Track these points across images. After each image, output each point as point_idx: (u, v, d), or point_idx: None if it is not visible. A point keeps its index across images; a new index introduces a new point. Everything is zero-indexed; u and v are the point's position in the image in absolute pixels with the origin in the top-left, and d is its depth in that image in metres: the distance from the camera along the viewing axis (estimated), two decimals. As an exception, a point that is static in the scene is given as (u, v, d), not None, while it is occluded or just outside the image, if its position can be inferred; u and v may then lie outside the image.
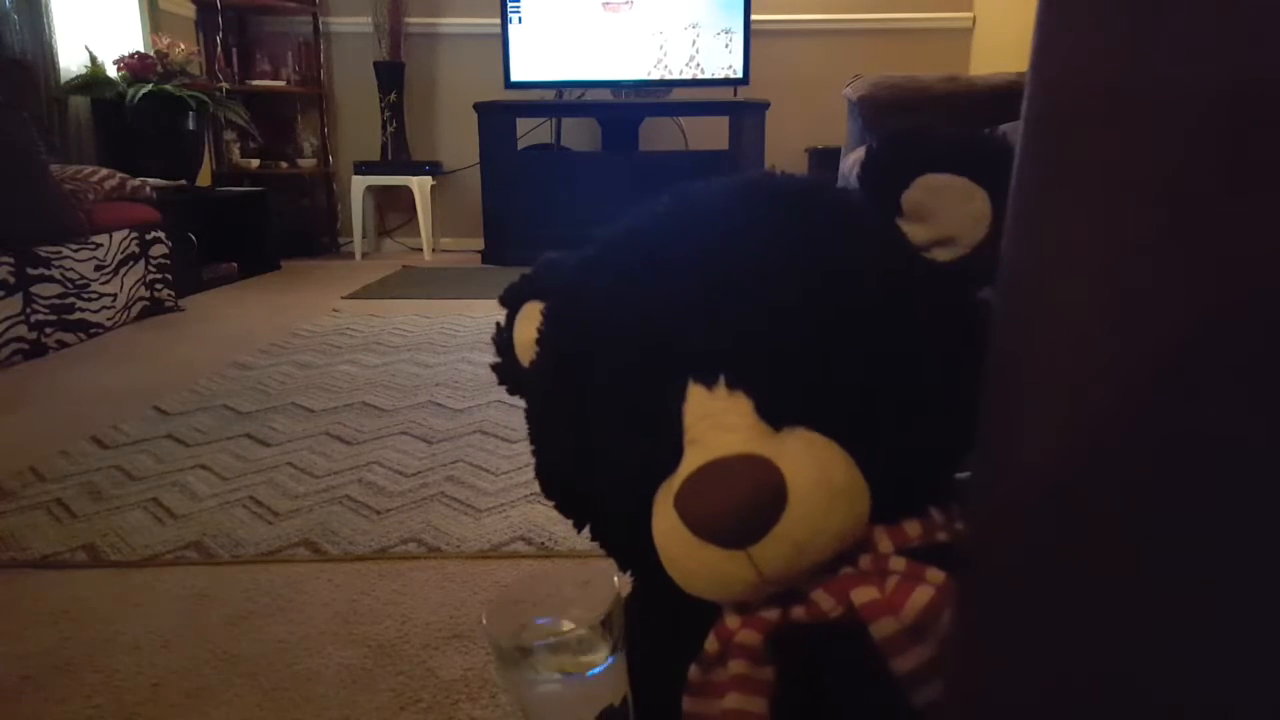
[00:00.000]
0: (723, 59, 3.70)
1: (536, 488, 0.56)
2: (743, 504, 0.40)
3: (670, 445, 0.44)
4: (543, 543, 1.06)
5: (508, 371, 0.61)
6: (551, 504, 0.55)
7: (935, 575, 0.42)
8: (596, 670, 0.48)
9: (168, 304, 2.70)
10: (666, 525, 0.43)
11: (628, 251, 0.50)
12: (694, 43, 3.70)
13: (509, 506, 1.18)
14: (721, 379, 0.43)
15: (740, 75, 3.71)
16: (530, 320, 0.57)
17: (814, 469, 0.41)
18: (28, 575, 1.02)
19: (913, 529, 0.45)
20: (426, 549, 1.06)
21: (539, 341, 0.55)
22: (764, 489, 0.40)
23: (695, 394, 0.44)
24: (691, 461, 0.43)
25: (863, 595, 0.42)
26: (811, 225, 0.47)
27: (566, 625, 0.50)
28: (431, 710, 0.76)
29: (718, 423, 0.43)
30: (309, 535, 1.10)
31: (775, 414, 0.43)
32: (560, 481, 0.54)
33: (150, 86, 3.04)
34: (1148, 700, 0.24)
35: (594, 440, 0.49)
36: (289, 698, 0.78)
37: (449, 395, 1.74)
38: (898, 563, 0.43)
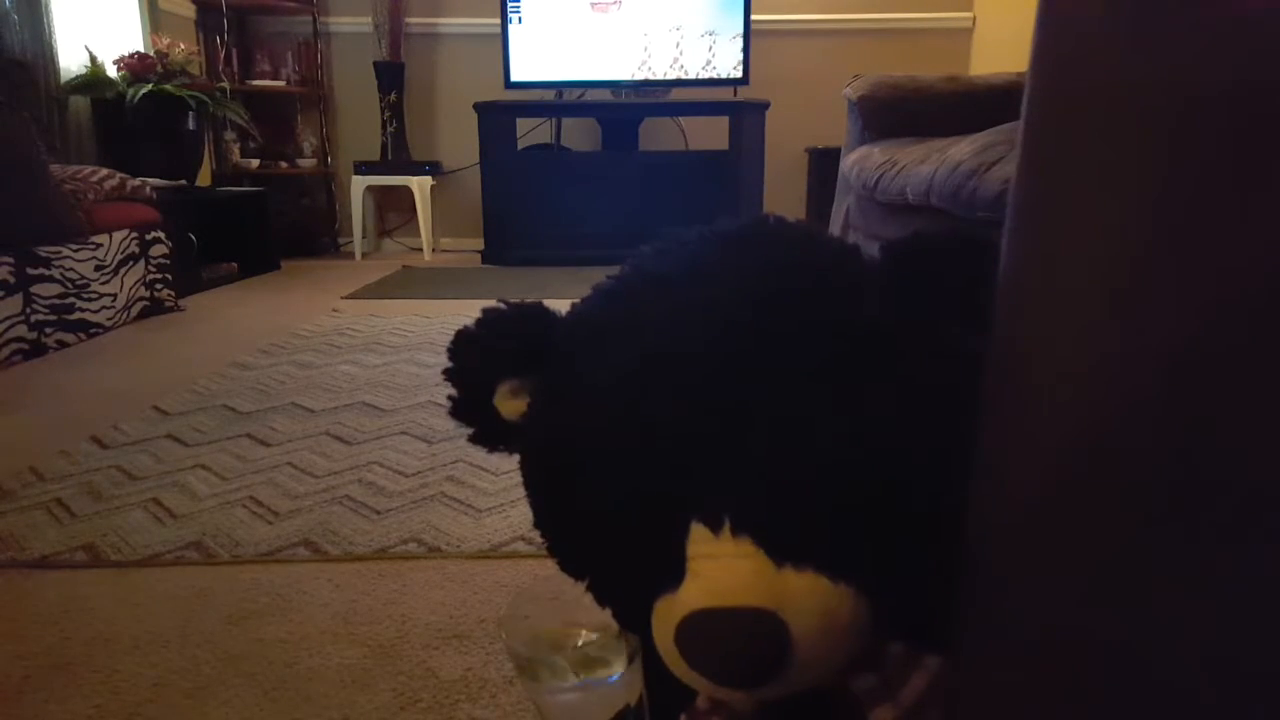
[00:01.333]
0: (713, 59, 3.70)
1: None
2: (745, 664, 0.40)
3: (670, 562, 0.43)
4: (542, 543, 1.06)
5: (485, 433, 0.58)
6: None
7: (931, 660, 0.43)
8: (615, 675, 0.48)
9: (168, 304, 2.70)
10: (667, 645, 0.43)
11: (624, 357, 0.45)
12: (678, 44, 3.70)
13: (509, 506, 1.18)
14: (727, 523, 0.41)
15: (740, 75, 3.72)
16: (513, 399, 0.54)
17: (819, 616, 0.40)
18: (28, 575, 1.02)
19: None
20: (426, 549, 1.06)
21: (529, 421, 0.52)
22: (769, 649, 0.40)
23: (698, 532, 0.42)
24: (692, 595, 0.41)
25: (861, 682, 0.43)
26: (834, 369, 0.42)
27: (583, 631, 0.51)
28: (431, 710, 0.76)
29: (721, 564, 0.41)
30: (309, 535, 1.10)
31: (780, 555, 0.41)
32: (553, 541, 0.54)
33: (150, 86, 3.03)
34: (1147, 701, 0.24)
35: (591, 536, 0.48)
36: (289, 698, 0.78)
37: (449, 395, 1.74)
38: (895, 646, 0.44)
